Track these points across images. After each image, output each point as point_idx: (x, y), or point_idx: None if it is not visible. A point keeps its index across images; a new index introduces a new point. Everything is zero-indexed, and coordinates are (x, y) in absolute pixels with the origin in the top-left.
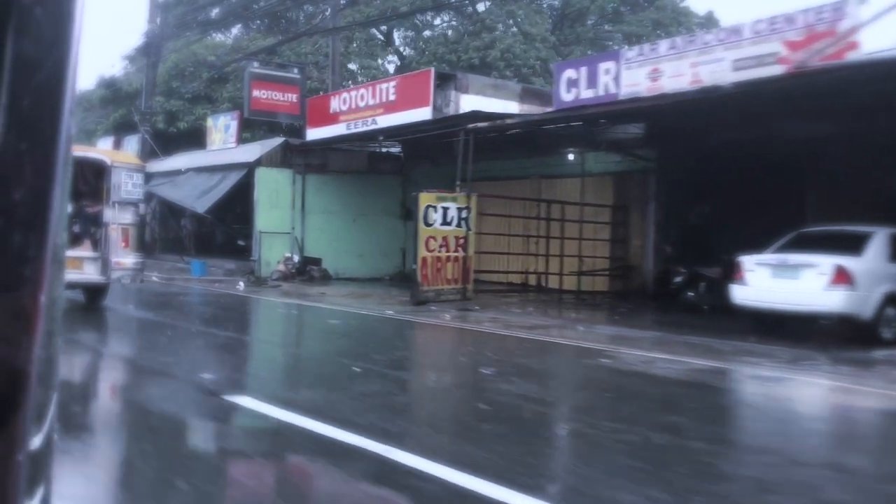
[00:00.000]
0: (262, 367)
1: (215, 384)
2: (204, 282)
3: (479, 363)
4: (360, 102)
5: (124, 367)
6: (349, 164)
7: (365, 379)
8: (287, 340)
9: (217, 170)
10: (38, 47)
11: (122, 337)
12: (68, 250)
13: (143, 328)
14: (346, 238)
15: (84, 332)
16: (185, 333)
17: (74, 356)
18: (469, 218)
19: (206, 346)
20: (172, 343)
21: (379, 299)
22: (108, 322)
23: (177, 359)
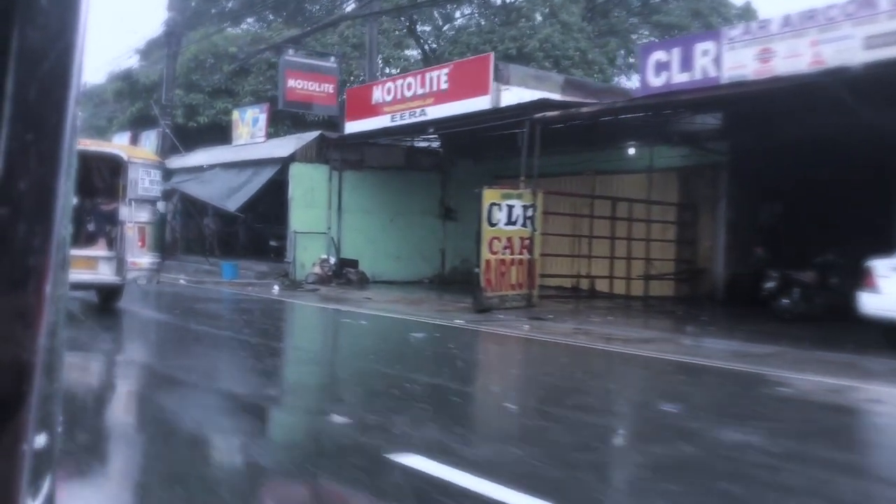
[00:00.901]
0: (390, 403)
1: (359, 431)
2: (235, 285)
3: (642, 394)
4: (407, 92)
5: (211, 397)
6: (387, 159)
7: (528, 420)
8: (380, 360)
9: (247, 165)
10: (43, 37)
11: (180, 353)
12: (83, 250)
13: (201, 342)
14: (384, 239)
15: (127, 344)
16: (250, 348)
17: (131, 380)
18: (535, 217)
19: (290, 367)
20: (241, 360)
21: (435, 306)
22: (153, 333)
23: (268, 385)
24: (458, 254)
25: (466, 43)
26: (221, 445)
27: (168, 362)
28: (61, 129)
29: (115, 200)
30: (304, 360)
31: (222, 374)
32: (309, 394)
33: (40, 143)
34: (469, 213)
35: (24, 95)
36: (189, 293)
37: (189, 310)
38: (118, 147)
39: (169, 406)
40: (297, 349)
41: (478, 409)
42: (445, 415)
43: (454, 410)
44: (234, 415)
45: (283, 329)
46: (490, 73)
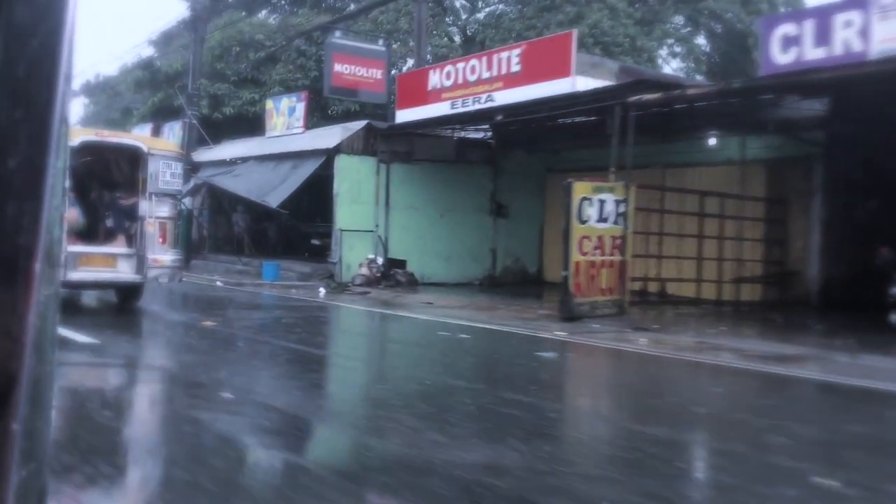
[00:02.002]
0: (558, 450)
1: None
2: (277, 287)
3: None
4: (471, 76)
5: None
6: (436, 151)
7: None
8: (510, 387)
9: (285, 158)
10: (32, 15)
11: (235, 367)
12: (101, 247)
13: (259, 355)
14: (432, 237)
15: (178, 358)
16: (321, 364)
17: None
18: (627, 214)
19: (391, 395)
20: (314, 380)
21: (509, 312)
22: (201, 343)
23: (381, 417)
24: (510, 253)
25: (508, 29)
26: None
27: (220, 377)
28: (51, 108)
29: (135, 195)
30: (410, 391)
31: (295, 398)
32: (435, 436)
33: (30, 121)
34: (520, 210)
35: (13, 73)
36: (229, 296)
37: (235, 316)
38: (138, 138)
39: (235, 438)
40: (388, 373)
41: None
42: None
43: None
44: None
45: (353, 342)
46: (572, 53)
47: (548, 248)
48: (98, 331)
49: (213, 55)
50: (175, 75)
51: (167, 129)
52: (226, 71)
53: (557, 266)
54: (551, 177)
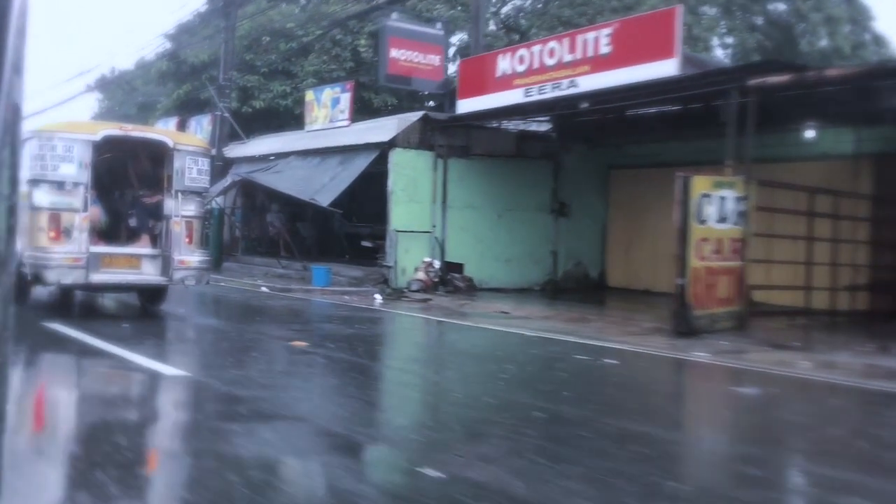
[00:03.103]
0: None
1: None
2: (328, 293)
3: None
4: (549, 60)
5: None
6: (494, 145)
7: None
8: (731, 441)
9: (331, 153)
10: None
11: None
12: (124, 247)
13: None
14: (491, 239)
15: (317, 402)
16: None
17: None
18: (747, 213)
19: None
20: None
21: (604, 324)
22: (273, 361)
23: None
24: (571, 255)
25: (557, 16)
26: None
27: (405, 433)
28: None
29: (159, 192)
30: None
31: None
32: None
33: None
34: (581, 209)
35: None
36: (286, 305)
37: (314, 331)
38: (163, 133)
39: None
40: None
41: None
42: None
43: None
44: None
45: (445, 363)
46: (677, 30)
47: (611, 250)
48: (170, 355)
49: (241, 45)
50: (201, 67)
51: (194, 123)
52: (255, 62)
53: (621, 270)
54: (614, 173)
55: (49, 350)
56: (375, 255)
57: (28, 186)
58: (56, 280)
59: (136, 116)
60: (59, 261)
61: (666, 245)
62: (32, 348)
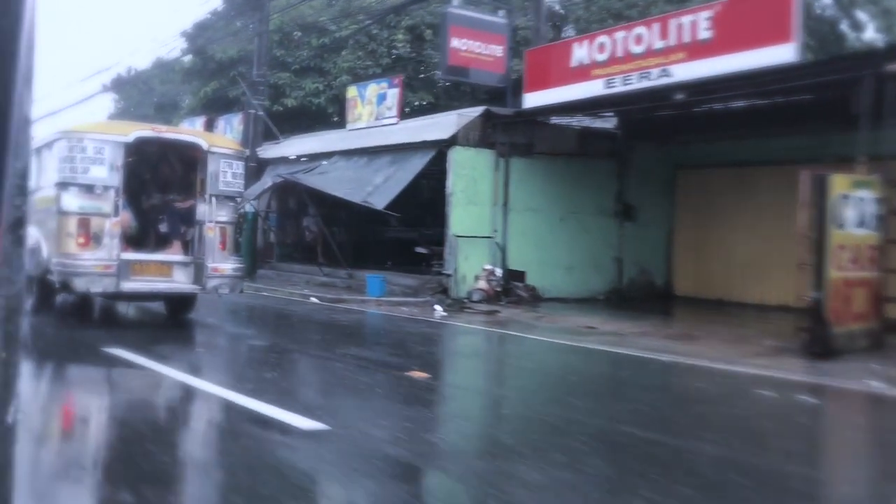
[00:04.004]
0: None
1: None
2: (384, 304)
3: None
4: (635, 47)
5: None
6: (556, 143)
7: None
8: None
9: (380, 152)
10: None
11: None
12: (154, 254)
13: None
14: (552, 244)
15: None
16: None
17: None
18: (885, 216)
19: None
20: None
21: (726, 345)
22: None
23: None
24: (636, 262)
25: (607, 8)
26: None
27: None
28: (8, 109)
29: (192, 196)
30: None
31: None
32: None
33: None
34: (646, 212)
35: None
36: (348, 319)
37: (410, 353)
38: (197, 134)
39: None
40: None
41: None
42: None
43: None
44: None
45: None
46: (795, 10)
47: (678, 256)
48: (282, 396)
49: (271, 41)
50: (229, 63)
51: (223, 122)
52: (286, 59)
53: (690, 278)
54: (682, 173)
55: (133, 391)
56: (430, 263)
57: (56, 190)
58: (85, 288)
59: (155, 117)
60: (89, 268)
61: (744, 251)
62: (113, 387)
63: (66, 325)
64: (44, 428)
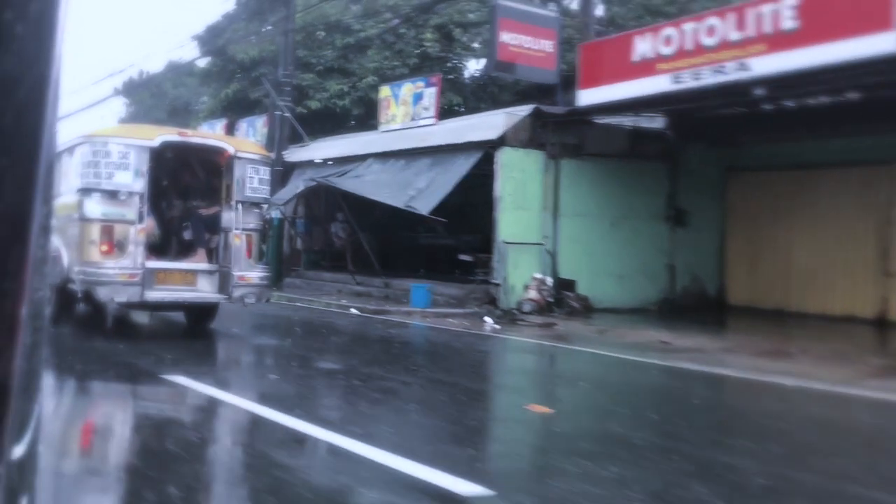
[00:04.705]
0: None
1: None
2: (429, 316)
3: None
4: (707, 39)
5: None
6: (607, 144)
7: None
8: None
9: (419, 154)
10: (19, 64)
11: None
12: (178, 262)
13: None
14: (603, 251)
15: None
16: None
17: None
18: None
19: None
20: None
21: (826, 363)
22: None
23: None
24: (688, 270)
25: (645, 5)
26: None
27: None
28: (36, 154)
29: (216, 203)
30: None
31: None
32: None
33: (16, 168)
34: (698, 216)
35: (0, 121)
36: (400, 335)
37: (478, 376)
38: (224, 139)
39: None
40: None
41: None
42: None
43: None
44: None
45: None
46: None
47: (731, 263)
48: (411, 443)
49: (294, 41)
50: (251, 64)
51: (245, 125)
52: (309, 59)
53: (744, 286)
54: (733, 176)
55: (229, 438)
56: (473, 271)
57: (78, 196)
58: (109, 297)
59: (167, 122)
60: (113, 277)
61: (803, 258)
62: (202, 431)
63: (94, 340)
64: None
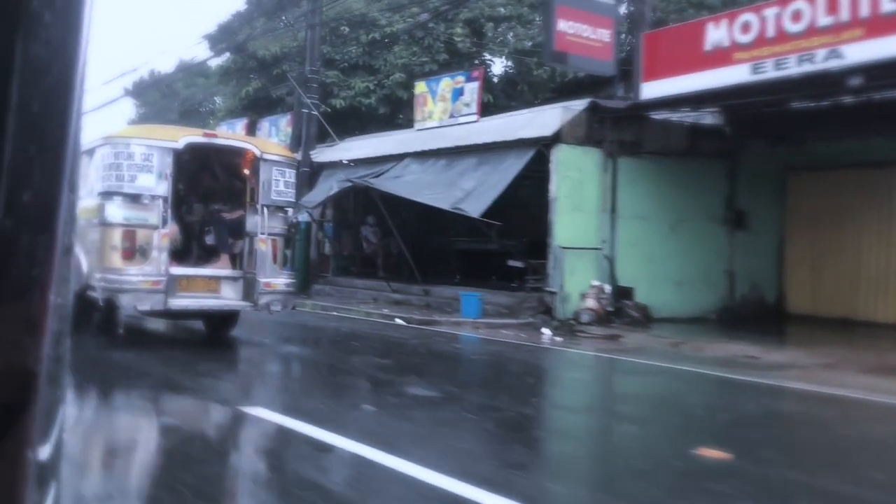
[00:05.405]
0: None
1: None
2: (481, 326)
3: None
4: (793, 26)
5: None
6: (666, 141)
7: None
8: None
9: (463, 153)
10: (46, 51)
11: None
12: (201, 268)
13: None
14: (662, 256)
15: None
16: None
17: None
18: None
19: None
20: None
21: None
22: None
23: None
24: (748, 276)
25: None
26: None
27: None
28: (64, 143)
29: (239, 206)
30: None
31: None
32: None
33: (43, 155)
34: (756, 219)
35: (28, 109)
36: (464, 349)
37: (597, 404)
38: (249, 140)
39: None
40: None
41: None
42: None
43: None
44: None
45: None
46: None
47: (791, 269)
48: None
49: (320, 35)
50: (272, 61)
51: (267, 124)
52: (333, 56)
53: (806, 294)
54: (794, 175)
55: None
56: (526, 278)
57: (99, 199)
58: (132, 306)
59: (180, 123)
60: (136, 284)
61: (873, 263)
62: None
63: (126, 354)
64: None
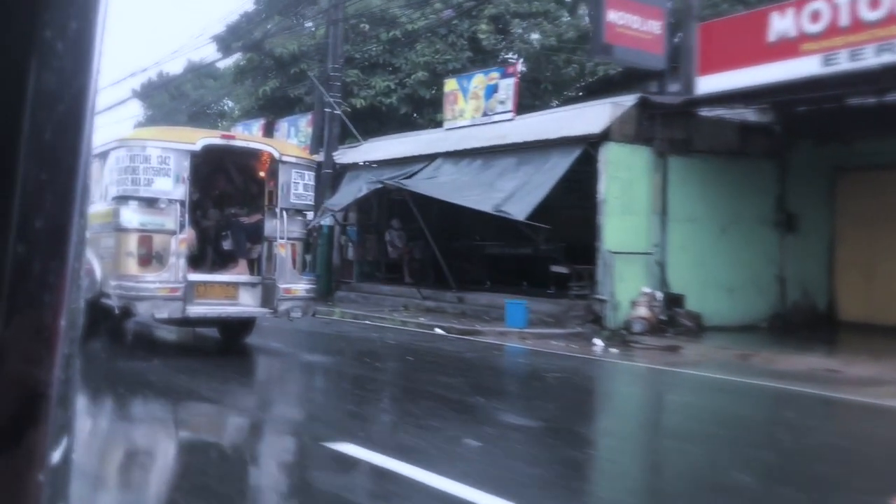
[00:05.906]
0: None
1: None
2: (528, 336)
3: None
4: (869, 13)
5: None
6: (716, 139)
7: None
8: None
9: (500, 152)
10: (59, 80)
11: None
12: (218, 274)
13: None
14: (713, 261)
15: None
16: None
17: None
18: None
19: None
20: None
21: None
22: None
23: None
24: (799, 282)
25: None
26: None
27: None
28: (75, 170)
29: (257, 210)
30: None
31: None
32: None
33: (55, 182)
34: (805, 221)
35: (40, 137)
36: (517, 363)
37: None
38: (268, 142)
39: None
40: None
41: None
42: None
43: None
44: None
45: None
46: None
47: (842, 274)
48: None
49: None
50: (290, 59)
51: (286, 124)
52: (353, 54)
53: (859, 300)
54: (843, 176)
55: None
56: (569, 284)
57: (114, 204)
58: (149, 313)
59: (188, 125)
60: (154, 291)
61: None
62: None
63: (152, 368)
64: None
